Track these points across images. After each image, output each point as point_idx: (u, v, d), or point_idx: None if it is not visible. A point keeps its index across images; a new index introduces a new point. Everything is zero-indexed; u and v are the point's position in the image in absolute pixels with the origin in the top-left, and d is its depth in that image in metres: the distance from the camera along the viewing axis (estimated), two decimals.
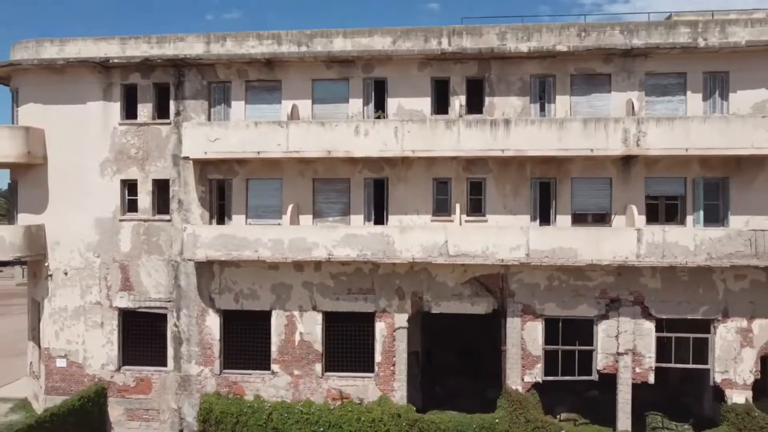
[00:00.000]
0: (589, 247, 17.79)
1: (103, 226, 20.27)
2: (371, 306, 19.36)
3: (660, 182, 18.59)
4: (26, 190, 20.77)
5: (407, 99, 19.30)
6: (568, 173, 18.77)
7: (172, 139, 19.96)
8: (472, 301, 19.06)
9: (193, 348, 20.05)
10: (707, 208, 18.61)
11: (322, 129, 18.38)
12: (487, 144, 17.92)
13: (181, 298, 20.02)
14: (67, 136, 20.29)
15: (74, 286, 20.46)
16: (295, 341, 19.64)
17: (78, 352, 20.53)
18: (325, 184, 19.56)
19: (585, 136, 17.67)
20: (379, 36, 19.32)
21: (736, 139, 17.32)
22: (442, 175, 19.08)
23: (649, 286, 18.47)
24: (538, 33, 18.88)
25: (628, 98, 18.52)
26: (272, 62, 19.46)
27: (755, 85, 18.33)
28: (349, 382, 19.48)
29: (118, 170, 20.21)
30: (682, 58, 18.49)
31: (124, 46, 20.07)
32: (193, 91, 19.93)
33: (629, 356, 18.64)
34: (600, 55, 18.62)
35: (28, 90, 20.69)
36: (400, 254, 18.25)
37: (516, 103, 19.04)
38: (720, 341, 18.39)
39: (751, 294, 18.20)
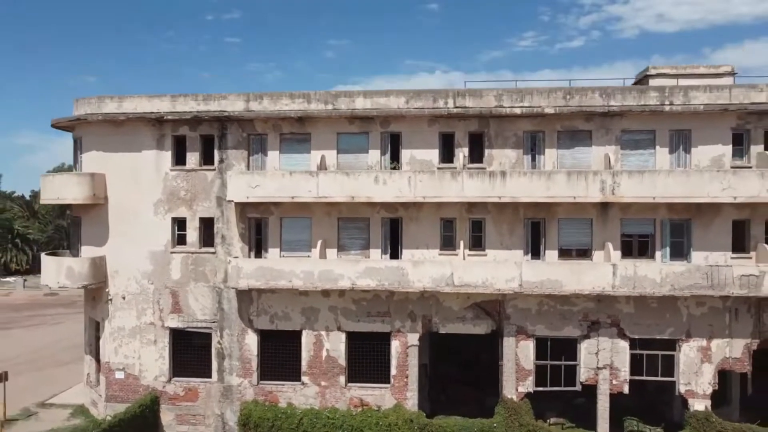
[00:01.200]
0: (572, 278, 21.12)
1: (156, 258, 23.58)
2: (387, 327, 22.68)
3: (633, 223, 21.93)
4: (89, 226, 24.08)
5: (418, 150, 22.63)
6: (555, 215, 22.09)
7: (216, 183, 23.27)
8: (474, 323, 22.39)
9: (234, 362, 23.37)
10: (673, 245, 21.95)
11: (347, 178, 21.71)
12: (487, 192, 21.24)
13: (224, 319, 23.34)
14: (125, 180, 23.59)
15: (131, 309, 23.77)
16: (322, 357, 22.96)
17: (134, 366, 23.85)
18: (348, 222, 22.87)
19: (569, 186, 20.99)
20: (394, 96, 22.65)
21: (695, 190, 20.64)
22: (448, 215, 22.39)
23: (624, 311, 21.80)
24: (529, 95, 22.21)
25: (606, 152, 21.86)
26: (303, 118, 22.79)
27: (713, 141, 21.67)
28: (369, 392, 22.80)
29: (170, 209, 23.52)
30: (651, 118, 21.82)
31: (174, 102, 23.38)
32: (235, 141, 23.24)
33: (607, 370, 21.97)
34: (582, 115, 21.95)
35: (90, 139, 24.00)
36: (412, 284, 21.57)
37: (511, 155, 22.37)
38: (684, 358, 21.72)
39: (710, 318, 21.53)
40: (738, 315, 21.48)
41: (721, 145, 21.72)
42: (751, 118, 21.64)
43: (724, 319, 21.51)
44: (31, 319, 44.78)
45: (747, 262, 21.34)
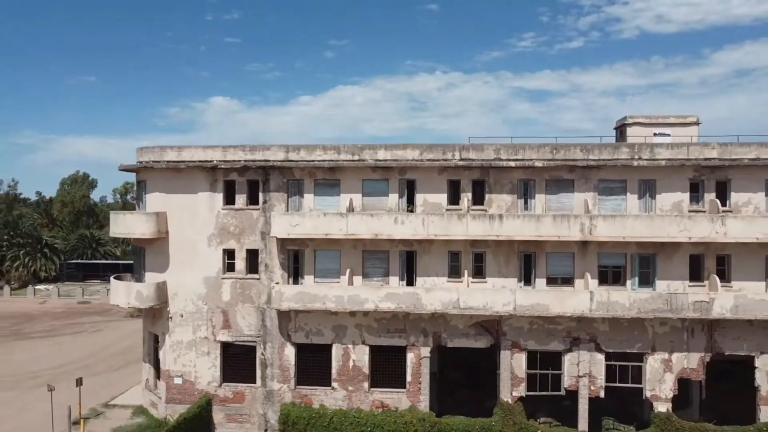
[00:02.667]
0: (557, 303, 25.66)
1: (210, 282, 28.10)
2: (404, 341, 27.21)
3: (607, 257, 26.48)
4: (152, 255, 28.61)
5: (430, 194, 27.16)
6: (543, 249, 26.61)
7: (260, 220, 27.78)
8: (476, 338, 26.93)
9: (275, 370, 27.89)
10: (641, 275, 26.50)
11: (371, 219, 26.24)
12: (487, 231, 25.77)
13: (267, 334, 27.86)
14: (183, 217, 28.10)
15: (188, 325, 28.30)
16: (349, 366, 27.49)
17: (190, 373, 28.37)
18: (371, 254, 27.40)
19: (554, 227, 25.53)
20: (410, 149, 27.20)
21: (658, 231, 25.18)
22: (454, 249, 26.90)
23: (600, 329, 26.34)
24: (522, 150, 26.77)
25: (585, 198, 26.41)
26: (333, 168, 27.31)
27: (673, 189, 26.21)
28: (388, 395, 27.34)
29: (221, 242, 28.04)
30: (623, 170, 26.36)
31: (225, 153, 27.91)
32: (276, 185, 27.75)
33: (586, 378, 26.52)
34: (566, 167, 26.49)
35: (153, 182, 28.52)
36: (425, 307, 26.10)
37: (507, 199, 26.91)
38: (649, 368, 26.27)
39: (671, 336, 26.06)
40: (694, 333, 26.03)
41: (680, 193, 26.27)
42: (704, 171, 26.19)
43: (683, 337, 26.05)
44: (73, 327, 49.26)
45: (701, 290, 25.87)
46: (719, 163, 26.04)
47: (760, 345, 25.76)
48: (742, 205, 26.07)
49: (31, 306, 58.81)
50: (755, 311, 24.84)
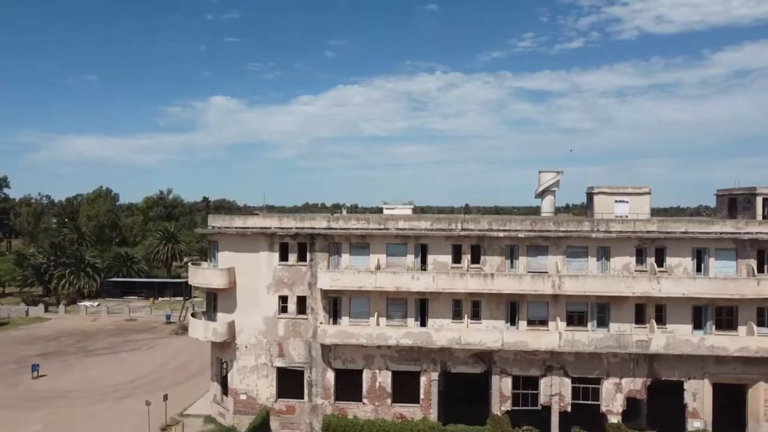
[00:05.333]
0: (535, 340, 33.98)
1: (268, 321, 36.40)
2: (418, 368, 35.52)
3: (573, 305, 34.80)
4: (223, 300, 36.91)
5: (439, 255, 35.48)
6: (525, 299, 34.93)
7: (308, 274, 36.09)
8: (473, 366, 35.26)
9: (318, 389, 36.21)
10: (599, 319, 34.82)
11: (394, 276, 34.57)
12: (482, 286, 34.09)
13: (312, 361, 36.17)
14: (247, 271, 36.38)
15: (251, 354, 36.61)
16: (376, 386, 35.82)
17: (253, 391, 36.69)
18: (393, 301, 35.72)
19: (533, 283, 33.86)
20: (423, 221, 35.57)
21: (611, 287, 33.53)
22: (457, 298, 35.20)
23: (567, 359, 34.67)
24: (509, 222, 35.13)
25: (557, 260, 34.76)
26: (364, 234, 35.63)
27: (623, 254, 34.54)
28: (406, 409, 35.66)
29: (277, 290, 36.34)
30: (585, 239, 34.69)
31: (281, 221, 36.25)
32: (320, 247, 36.04)
33: (557, 396, 34.87)
34: (542, 236, 34.83)
35: (223, 243, 36.81)
36: (435, 342, 34.41)
37: (498, 260, 35.24)
38: (605, 389, 34.61)
39: (621, 365, 34.40)
40: (638, 363, 34.39)
41: (628, 257, 34.62)
42: (647, 241, 34.53)
43: (630, 366, 34.41)
44: (129, 344, 57.50)
45: (643, 331, 34.18)
46: (658, 235, 34.41)
47: (687, 372, 34.16)
48: (675, 267, 34.43)
49: (84, 323, 66.99)
50: (681, 348, 33.24)
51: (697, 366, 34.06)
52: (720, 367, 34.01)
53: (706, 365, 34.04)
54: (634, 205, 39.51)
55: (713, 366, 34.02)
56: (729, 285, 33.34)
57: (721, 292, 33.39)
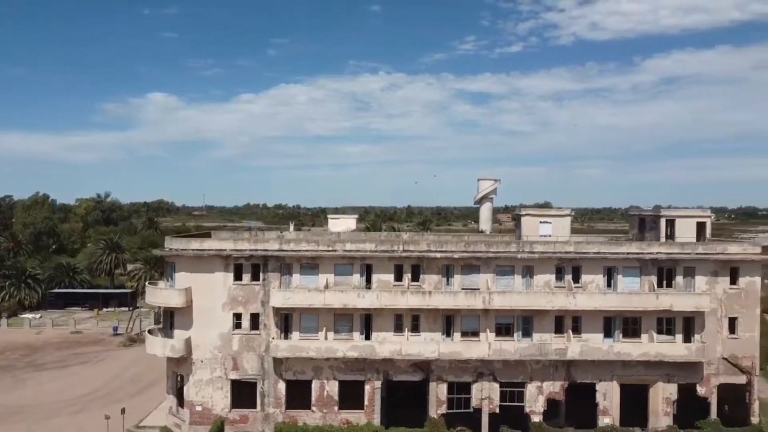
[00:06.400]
0: (467, 350, 38.00)
1: (223, 337, 38.96)
2: (362, 377, 38.91)
3: (501, 318, 39.02)
4: (180, 318, 39.19)
5: (382, 274, 38.99)
6: (459, 313, 38.89)
7: (261, 293, 38.87)
8: (413, 374, 38.96)
9: (270, 399, 39.06)
10: (524, 330, 39.17)
11: (341, 294, 37.86)
12: (421, 302, 37.85)
13: (265, 373, 38.99)
14: (203, 290, 38.80)
15: (206, 368, 39.06)
16: (324, 395, 39.00)
17: (208, 402, 39.15)
18: (341, 317, 38.97)
19: (466, 299, 37.87)
20: (368, 243, 39.02)
21: (533, 303, 37.93)
22: (399, 313, 38.78)
23: (496, 366, 38.86)
24: (446, 244, 39.01)
25: (487, 278, 38.89)
26: (314, 256, 38.75)
27: (544, 272, 39.01)
28: (351, 415, 38.99)
29: (231, 308, 38.96)
30: (512, 259, 38.96)
31: (236, 243, 38.89)
32: (273, 267, 38.89)
33: (487, 400, 39.00)
34: (475, 257, 38.88)
35: (181, 264, 39.10)
36: (378, 354, 37.90)
37: (435, 278, 39.06)
38: (528, 392, 39.02)
39: (542, 370, 38.88)
40: (557, 368, 38.95)
41: (549, 275, 39.12)
42: (565, 260, 39.11)
43: (550, 371, 38.95)
44: (78, 357, 58.29)
45: (561, 340, 38.71)
46: (574, 255, 39.08)
47: (598, 375, 38.99)
48: (589, 283, 39.18)
49: (29, 336, 66.85)
50: (594, 354, 38.02)
51: (606, 370, 38.93)
52: (626, 370, 39.00)
53: (614, 369, 38.95)
54: (557, 226, 44.16)
55: (620, 369, 38.98)
56: (633, 299, 38.37)
57: (627, 305, 38.38)
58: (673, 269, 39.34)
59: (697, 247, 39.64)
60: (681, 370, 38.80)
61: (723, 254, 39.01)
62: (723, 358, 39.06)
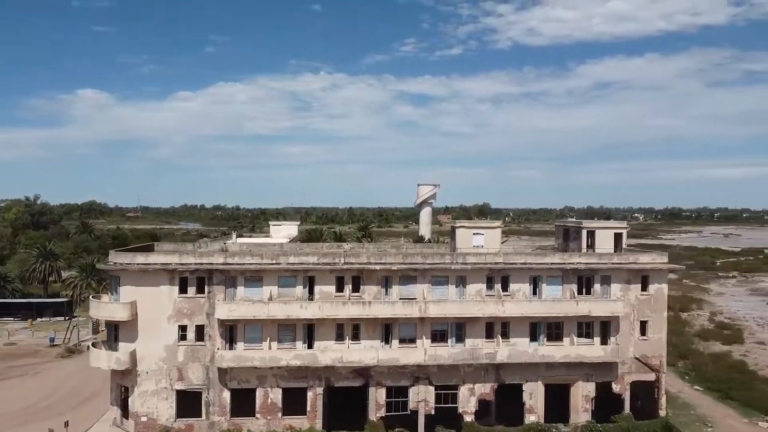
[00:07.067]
0: (405, 356, 40.44)
1: (168, 349, 39.92)
2: (305, 384, 40.71)
3: (437, 325, 41.65)
4: (125, 331, 39.87)
5: (324, 286, 40.91)
6: (397, 321, 41.26)
7: (206, 305, 40.05)
8: (354, 380, 41.06)
9: (215, 408, 40.30)
10: (457, 336, 41.95)
11: (285, 305, 39.55)
12: (361, 312, 40.00)
13: (210, 383, 40.20)
14: (149, 303, 39.66)
15: (151, 379, 39.92)
16: (268, 402, 40.56)
17: (153, 413, 40.02)
18: (284, 327, 40.63)
19: (403, 308, 40.28)
20: (311, 256, 40.82)
21: (466, 310, 40.75)
22: (340, 322, 40.80)
23: (432, 371, 41.45)
24: (385, 257, 41.31)
25: (423, 288, 41.44)
26: (258, 269, 40.25)
27: (476, 282, 41.91)
28: (295, 421, 40.72)
29: (177, 320, 39.96)
30: (447, 270, 41.65)
31: (181, 257, 39.91)
32: (217, 280, 40.15)
33: (423, 402, 41.53)
34: (412, 268, 41.35)
35: (125, 278, 39.81)
36: (320, 362, 39.81)
37: (375, 289, 41.30)
38: (461, 394, 41.82)
39: (474, 373, 41.76)
40: (488, 371, 41.93)
41: (480, 284, 42.05)
42: (495, 271, 42.12)
43: (481, 373, 41.88)
44: (15, 370, 57.21)
45: (491, 344, 41.70)
46: (503, 266, 42.16)
47: (525, 376, 42.21)
48: (516, 291, 42.33)
49: None
50: (521, 357, 41.20)
51: (532, 371, 42.20)
52: (550, 371, 42.39)
53: (539, 370, 42.27)
54: (488, 237, 47.20)
55: (545, 370, 42.34)
56: (556, 306, 41.80)
57: (551, 311, 41.76)
58: (591, 278, 43.01)
59: (612, 257, 43.48)
60: (598, 370, 42.52)
61: (635, 264, 43.00)
62: (635, 357, 43.03)
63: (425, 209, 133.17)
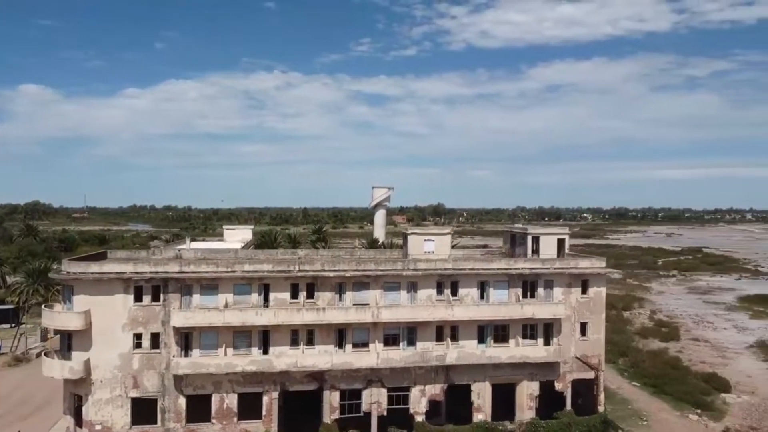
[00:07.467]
0: (358, 360, 41.81)
1: (123, 357, 40.18)
2: (261, 388, 41.60)
3: (389, 329, 43.17)
4: (78, 340, 39.92)
5: (279, 293, 41.88)
6: (351, 327, 42.57)
7: (161, 313, 40.49)
8: (308, 384, 42.19)
9: (171, 414, 40.78)
10: (408, 339, 43.56)
11: (240, 313, 40.36)
12: (315, 318, 41.16)
13: (165, 390, 40.66)
14: (103, 312, 39.82)
15: (106, 388, 40.11)
16: (224, 407, 41.29)
17: (108, 421, 40.21)
18: (240, 334, 41.42)
19: (356, 314, 41.64)
20: (266, 264, 41.76)
21: (417, 315, 42.41)
22: (294, 328, 41.85)
23: (384, 373, 42.94)
24: (339, 263, 42.60)
25: (376, 294, 42.89)
26: (214, 277, 40.93)
27: (427, 287, 43.61)
28: (250, 425, 41.57)
29: (132, 328, 40.27)
30: (398, 276, 43.21)
31: (136, 266, 40.23)
32: (173, 288, 40.62)
33: (376, 404, 43.00)
34: (365, 275, 42.74)
35: (80, 287, 39.86)
36: (276, 367, 40.78)
37: (329, 295, 42.51)
38: (412, 395, 43.46)
39: (425, 375, 43.47)
40: (438, 372, 43.71)
41: (431, 289, 43.79)
42: (444, 276, 43.94)
43: (432, 375, 43.63)
44: None
45: (441, 347, 43.48)
46: (453, 272, 44.01)
47: (473, 377, 44.18)
48: (465, 296, 44.26)
49: None
50: (469, 359, 43.14)
51: (480, 372, 44.21)
52: (497, 371, 44.49)
53: (486, 371, 44.31)
54: (439, 244, 48.91)
55: (492, 371, 44.41)
56: (502, 309, 43.90)
57: (497, 314, 43.85)
58: (535, 282, 45.31)
59: (555, 262, 45.90)
60: (542, 370, 44.86)
61: (575, 268, 45.53)
62: (576, 357, 45.56)
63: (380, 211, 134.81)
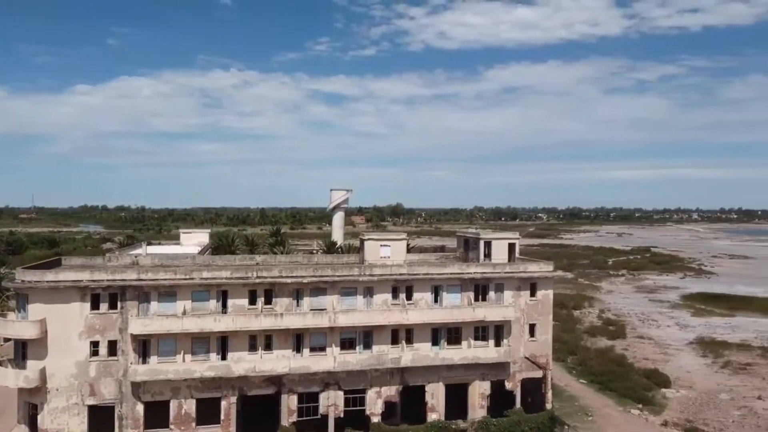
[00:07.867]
0: (316, 364, 42.87)
1: (80, 365, 40.22)
2: (219, 393, 42.23)
3: (346, 333, 44.37)
4: (33, 348, 39.77)
5: (237, 299, 42.56)
6: (308, 331, 43.58)
7: (119, 320, 40.69)
8: (267, 388, 43.01)
9: (129, 421, 41.03)
10: (365, 343, 44.83)
11: (198, 319, 40.91)
12: (273, 323, 42.02)
13: (123, 397, 40.89)
14: (59, 320, 39.77)
15: (62, 396, 40.09)
16: (182, 413, 41.76)
17: (64, 429, 40.16)
18: (198, 340, 41.95)
19: (314, 319, 42.69)
20: (224, 270, 42.40)
21: (373, 319, 43.72)
22: (253, 334, 42.59)
23: (341, 376, 44.10)
24: (297, 269, 43.53)
25: (332, 299, 44.02)
26: (172, 284, 41.35)
27: (383, 292, 44.96)
28: (209, 430, 42.14)
29: (89, 336, 40.35)
30: (355, 282, 44.42)
31: (92, 273, 40.32)
32: (131, 296, 40.87)
33: (333, 406, 44.12)
34: (322, 281, 43.82)
35: (35, 296, 39.71)
36: (234, 372, 41.48)
37: (287, 301, 43.42)
38: (369, 397, 44.76)
39: (380, 377, 44.82)
40: (393, 374, 45.12)
41: (386, 294, 45.16)
42: (399, 281, 45.39)
43: (387, 377, 45.02)
44: None
45: (396, 349, 44.91)
46: (407, 276, 45.50)
47: (427, 378, 45.77)
48: (419, 300, 45.80)
49: None
50: (423, 361, 44.72)
51: (434, 373, 45.84)
52: (450, 372, 46.19)
53: (440, 372, 45.96)
54: (395, 249, 50.35)
55: (445, 372, 46.09)
56: (455, 312, 45.62)
57: (450, 317, 45.55)
58: (486, 285, 47.21)
59: (505, 267, 47.89)
60: (493, 370, 46.79)
61: (525, 272, 47.61)
62: (525, 357, 47.66)
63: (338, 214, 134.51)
